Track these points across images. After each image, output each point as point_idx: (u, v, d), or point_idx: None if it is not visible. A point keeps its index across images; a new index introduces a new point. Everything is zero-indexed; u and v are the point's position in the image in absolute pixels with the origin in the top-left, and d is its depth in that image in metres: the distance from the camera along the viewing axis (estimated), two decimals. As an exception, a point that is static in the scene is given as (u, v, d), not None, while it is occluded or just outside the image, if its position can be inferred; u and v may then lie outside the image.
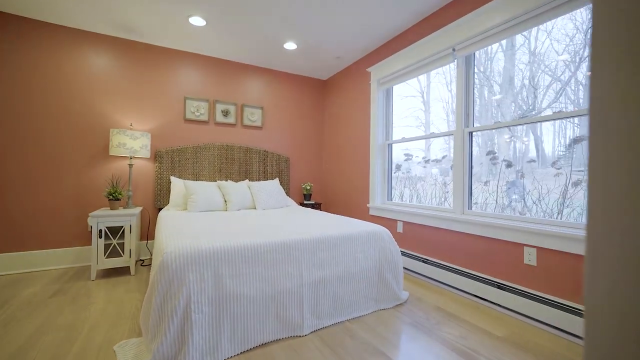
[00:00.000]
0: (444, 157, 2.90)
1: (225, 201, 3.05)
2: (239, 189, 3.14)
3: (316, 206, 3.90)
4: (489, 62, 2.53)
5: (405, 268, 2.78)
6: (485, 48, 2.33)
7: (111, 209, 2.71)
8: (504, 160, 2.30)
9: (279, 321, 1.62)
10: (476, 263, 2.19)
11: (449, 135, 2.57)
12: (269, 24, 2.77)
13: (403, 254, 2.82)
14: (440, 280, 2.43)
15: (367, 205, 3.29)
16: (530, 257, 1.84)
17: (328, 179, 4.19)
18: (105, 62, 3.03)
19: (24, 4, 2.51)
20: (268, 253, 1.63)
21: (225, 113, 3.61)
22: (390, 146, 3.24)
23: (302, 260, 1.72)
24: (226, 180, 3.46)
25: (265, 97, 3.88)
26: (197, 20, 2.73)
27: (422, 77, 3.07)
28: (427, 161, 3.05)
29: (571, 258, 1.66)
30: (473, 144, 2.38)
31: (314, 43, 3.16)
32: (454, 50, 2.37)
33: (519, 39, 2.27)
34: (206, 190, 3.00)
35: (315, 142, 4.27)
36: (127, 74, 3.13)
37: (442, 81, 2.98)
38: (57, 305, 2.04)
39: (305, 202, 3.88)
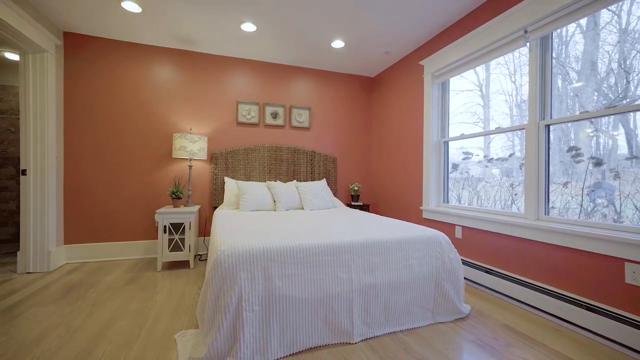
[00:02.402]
0: (510, 155, 2.57)
1: (274, 201, 3.12)
2: (287, 190, 3.18)
3: (364, 207, 3.78)
4: (563, 46, 2.17)
5: (464, 278, 2.52)
6: (559, 30, 2.00)
7: (174, 207, 2.95)
8: (592, 158, 1.93)
9: (327, 326, 1.57)
10: (556, 278, 1.87)
11: (519, 129, 2.26)
12: (316, 24, 2.76)
13: (462, 262, 2.56)
14: (508, 294, 2.14)
15: (420, 207, 3.07)
16: (635, 276, 1.50)
17: (376, 180, 4.03)
18: (168, 72, 3.33)
19: (101, 26, 2.87)
20: (317, 255, 1.59)
21: (274, 115, 3.70)
22: (446, 144, 2.98)
23: (352, 264, 1.64)
24: (275, 181, 3.54)
25: (312, 97, 3.89)
26: (248, 27, 2.83)
27: (480, 70, 2.78)
28: (489, 160, 2.73)
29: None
30: (543, 140, 2.05)
31: (361, 39, 3.06)
32: (526, 32, 2.07)
33: (605, 15, 1.89)
34: (256, 190, 3.09)
35: (362, 141, 4.16)
36: (187, 83, 3.39)
37: (504, 72, 2.65)
38: (130, 292, 2.27)
39: (353, 203, 3.79)
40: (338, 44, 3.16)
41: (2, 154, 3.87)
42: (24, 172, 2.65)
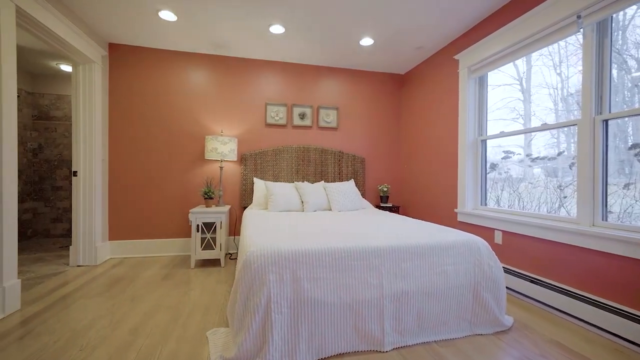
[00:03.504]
0: (559, 153, 2.34)
1: (302, 202, 3.12)
2: (315, 190, 3.17)
3: (394, 209, 3.66)
4: (620, 31, 1.92)
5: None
6: (616, 14, 1.77)
7: (206, 207, 3.06)
8: (661, 156, 1.69)
9: (357, 333, 1.51)
10: (617, 292, 1.66)
11: (571, 125, 2.04)
12: (344, 22, 2.71)
13: (503, 270, 2.37)
14: (556, 306, 1.94)
15: (455, 210, 2.91)
16: None
17: (407, 181, 3.89)
18: (201, 77, 3.46)
19: (141, 36, 3.05)
20: (346, 259, 1.54)
21: (302, 116, 3.70)
22: (483, 143, 2.79)
23: (382, 269, 1.57)
24: (302, 182, 3.54)
25: (340, 97, 3.85)
26: (277, 29, 2.85)
27: (520, 62, 2.56)
28: (533, 159, 2.51)
29: None
30: (600, 137, 1.83)
31: (391, 36, 2.96)
32: (579, 17, 1.87)
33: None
34: (284, 191, 3.11)
35: (392, 141, 4.03)
36: (218, 86, 3.50)
37: (549, 63, 2.42)
38: (166, 288, 2.38)
39: (382, 204, 3.68)
40: (367, 41, 3.08)
41: (58, 156, 4.27)
42: (75, 174, 2.89)
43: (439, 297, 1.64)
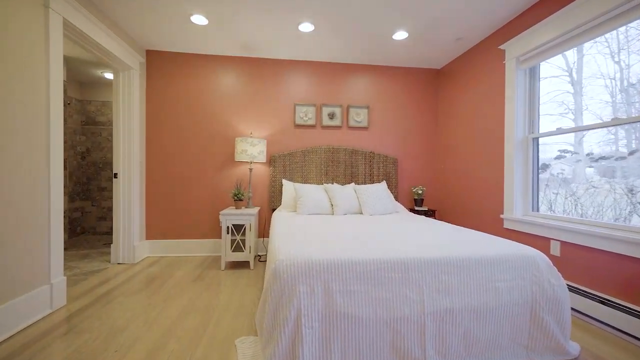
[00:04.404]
0: (631, 152, 2.01)
1: (332, 205, 3.01)
2: (345, 193, 3.05)
3: (429, 214, 3.43)
4: None
5: (563, 305, 2.05)
6: None
7: (236, 208, 3.07)
8: None
9: (395, 352, 1.37)
10: None
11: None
12: (376, 15, 2.56)
13: (559, 285, 2.08)
14: (634, 334, 1.64)
15: (501, 216, 2.63)
16: None
17: (443, 183, 3.63)
18: (231, 79, 3.49)
19: (175, 41, 3.12)
20: (383, 271, 1.41)
21: (331, 116, 3.60)
22: (535, 141, 2.49)
23: (423, 284, 1.42)
24: (332, 183, 3.44)
25: (370, 95, 3.69)
26: (306, 27, 2.77)
27: (569, 52, 2.26)
28: (595, 160, 2.19)
29: None
30: None
31: (428, 27, 2.76)
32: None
33: None
34: (314, 193, 3.03)
35: (427, 140, 3.79)
36: (247, 88, 3.51)
37: (604, 51, 2.10)
38: (197, 290, 2.40)
39: (416, 208, 3.47)
40: (401, 35, 2.90)
41: (103, 159, 4.57)
42: (115, 175, 3.03)
43: (489, 317, 1.45)
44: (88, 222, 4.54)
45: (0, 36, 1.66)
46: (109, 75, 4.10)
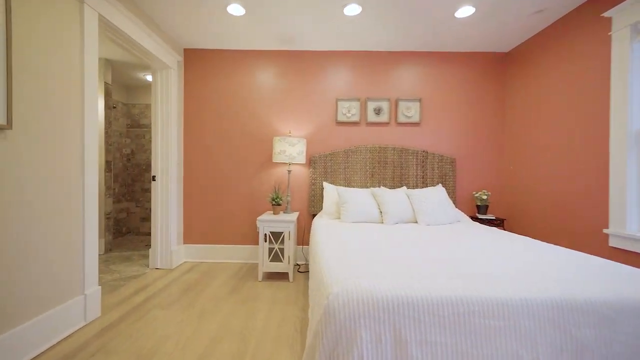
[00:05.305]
0: None
1: (381, 212, 2.63)
2: (397, 199, 2.64)
3: (496, 223, 2.89)
4: None
5: None
6: None
7: (274, 213, 2.82)
8: None
9: None
10: None
11: None
12: (440, -14, 2.13)
13: None
14: None
15: (605, 231, 2.05)
16: None
17: (514, 187, 3.06)
18: (268, 75, 3.25)
19: (211, 36, 2.96)
20: (475, 316, 1.01)
21: (378, 111, 3.21)
22: (661, 133, 1.88)
23: (538, 338, 1.00)
24: (379, 187, 3.05)
25: (423, 87, 3.23)
26: (352, 9, 2.43)
27: None
28: None
29: None
30: None
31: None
32: None
33: None
34: (359, 199, 2.67)
35: (492, 137, 3.23)
36: (285, 84, 3.25)
37: None
38: (233, 305, 2.18)
39: (479, 216, 2.94)
40: (466, 11, 2.43)
41: (146, 161, 4.65)
42: (154, 178, 2.95)
43: (642, 392, 0.98)
44: (132, 223, 4.64)
45: (32, 33, 1.54)
46: (150, 78, 4.13)
